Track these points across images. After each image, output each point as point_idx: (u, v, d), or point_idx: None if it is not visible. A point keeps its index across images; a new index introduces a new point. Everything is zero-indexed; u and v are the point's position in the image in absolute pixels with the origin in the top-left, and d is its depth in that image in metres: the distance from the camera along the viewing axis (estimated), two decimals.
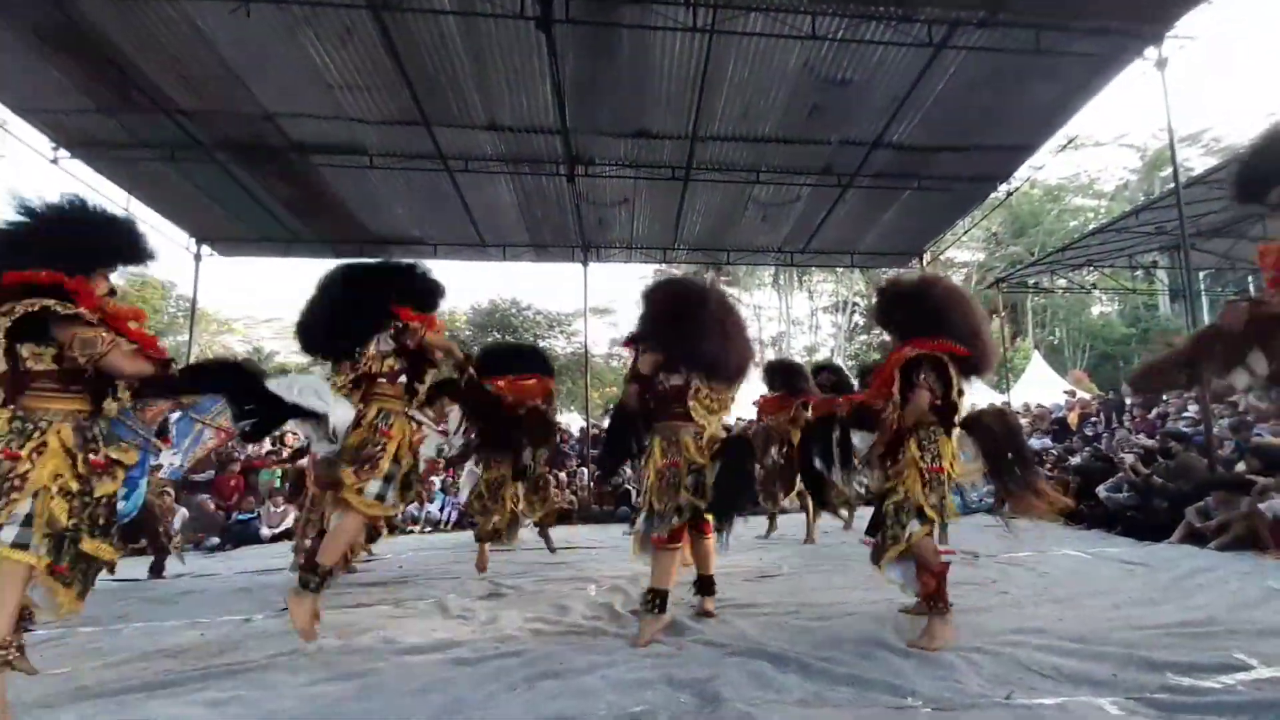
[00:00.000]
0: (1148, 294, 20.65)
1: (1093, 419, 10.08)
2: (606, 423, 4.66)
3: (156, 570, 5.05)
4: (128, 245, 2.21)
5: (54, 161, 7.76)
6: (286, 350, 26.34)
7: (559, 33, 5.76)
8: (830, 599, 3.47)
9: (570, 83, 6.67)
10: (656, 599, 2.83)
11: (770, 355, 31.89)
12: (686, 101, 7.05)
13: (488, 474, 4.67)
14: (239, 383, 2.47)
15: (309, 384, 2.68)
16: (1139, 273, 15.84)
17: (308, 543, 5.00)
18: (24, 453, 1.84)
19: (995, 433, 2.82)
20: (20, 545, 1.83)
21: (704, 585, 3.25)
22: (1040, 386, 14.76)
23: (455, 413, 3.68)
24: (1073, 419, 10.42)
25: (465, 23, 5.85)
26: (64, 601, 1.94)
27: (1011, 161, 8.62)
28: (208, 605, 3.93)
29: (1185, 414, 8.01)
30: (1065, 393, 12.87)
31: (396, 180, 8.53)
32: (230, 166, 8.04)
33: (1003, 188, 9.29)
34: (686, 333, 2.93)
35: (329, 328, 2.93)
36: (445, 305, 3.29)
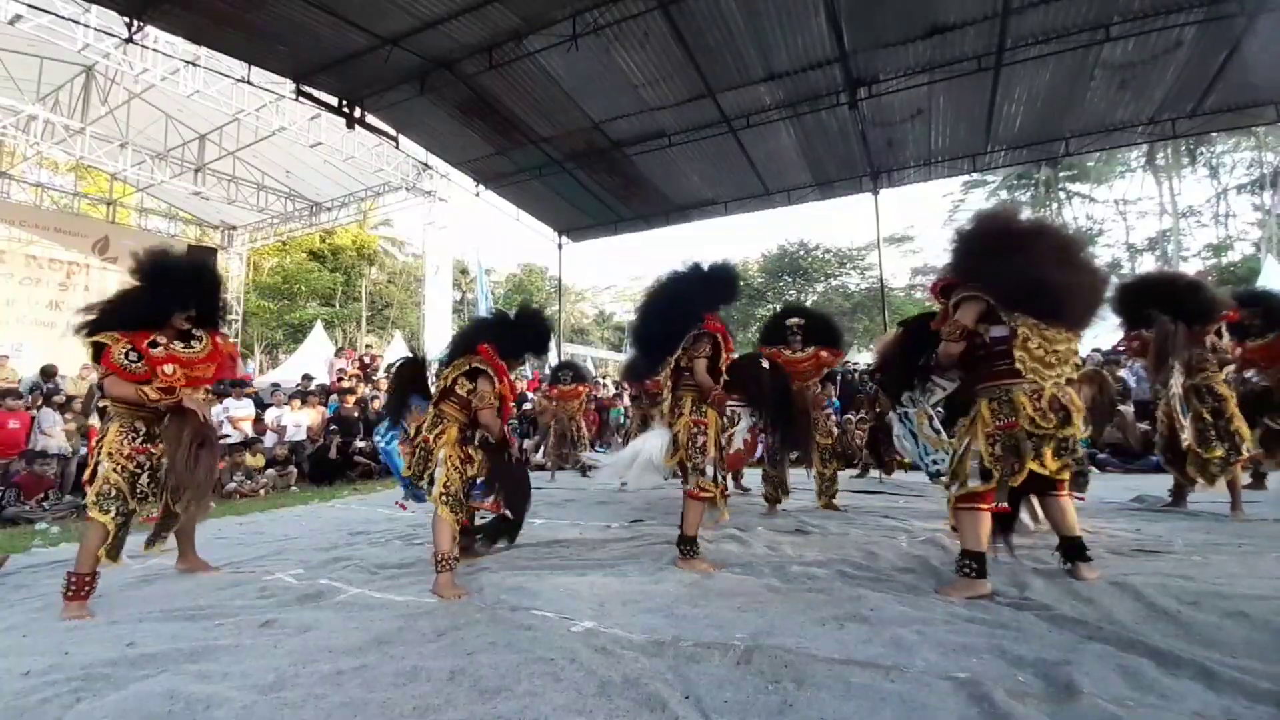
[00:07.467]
0: None
1: None
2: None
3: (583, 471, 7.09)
4: (537, 341, 3.01)
5: (477, 195, 10.34)
6: (621, 310, 30.82)
7: None
8: (1257, 592, 2.28)
9: (845, 2, 5.75)
10: (970, 562, 2.35)
11: (1148, 263, 22.82)
12: None
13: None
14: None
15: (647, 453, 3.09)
16: None
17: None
18: (432, 436, 2.70)
19: None
20: (444, 503, 2.63)
21: (1071, 549, 2.49)
22: None
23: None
24: None
25: None
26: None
27: None
28: (581, 511, 4.83)
29: None
30: None
31: (689, 152, 8.76)
32: (574, 173, 9.45)
33: None
34: (1004, 267, 2.19)
35: (661, 335, 2.97)
36: (737, 256, 3.21)
